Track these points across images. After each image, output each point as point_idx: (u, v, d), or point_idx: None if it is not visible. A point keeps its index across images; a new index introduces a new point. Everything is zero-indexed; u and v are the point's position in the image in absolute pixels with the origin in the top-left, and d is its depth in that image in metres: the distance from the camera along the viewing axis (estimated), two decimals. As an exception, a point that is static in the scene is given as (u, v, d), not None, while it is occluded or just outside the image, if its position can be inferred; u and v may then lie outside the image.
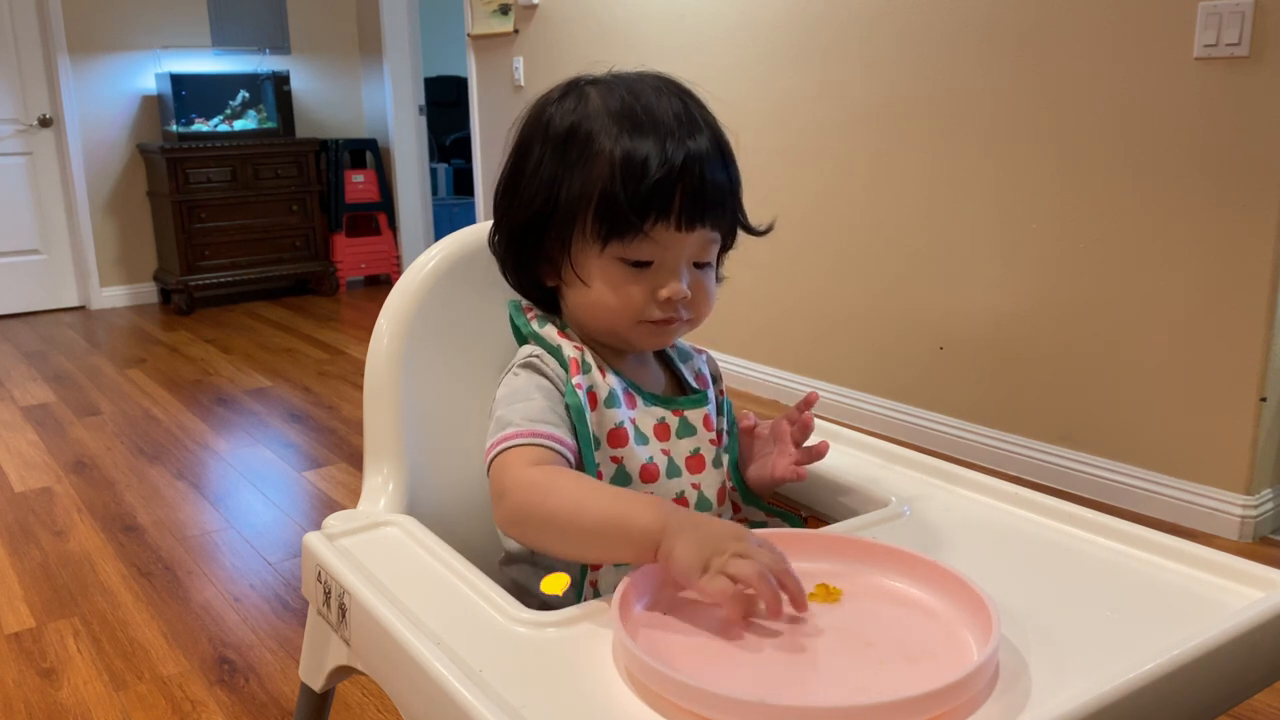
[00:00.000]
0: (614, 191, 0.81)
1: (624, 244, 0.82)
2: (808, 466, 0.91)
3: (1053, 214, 2.51)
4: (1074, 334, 2.51)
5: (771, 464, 0.91)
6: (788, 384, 3.33)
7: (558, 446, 0.80)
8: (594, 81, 0.87)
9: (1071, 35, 2.41)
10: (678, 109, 0.84)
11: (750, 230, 0.91)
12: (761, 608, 0.69)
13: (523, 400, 0.83)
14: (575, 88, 0.87)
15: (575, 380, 0.85)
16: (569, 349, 0.87)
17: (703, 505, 0.90)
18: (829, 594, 0.73)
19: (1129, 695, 0.60)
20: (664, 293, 0.84)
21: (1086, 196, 2.44)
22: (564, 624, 0.71)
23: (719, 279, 0.91)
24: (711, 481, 0.91)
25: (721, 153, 0.85)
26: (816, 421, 0.95)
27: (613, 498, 0.76)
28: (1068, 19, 2.42)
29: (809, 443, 0.92)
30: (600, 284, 0.85)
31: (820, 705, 0.59)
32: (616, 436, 0.86)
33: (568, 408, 0.84)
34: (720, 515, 0.91)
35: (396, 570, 0.81)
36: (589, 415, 0.84)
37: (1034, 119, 2.52)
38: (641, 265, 0.84)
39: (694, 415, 0.91)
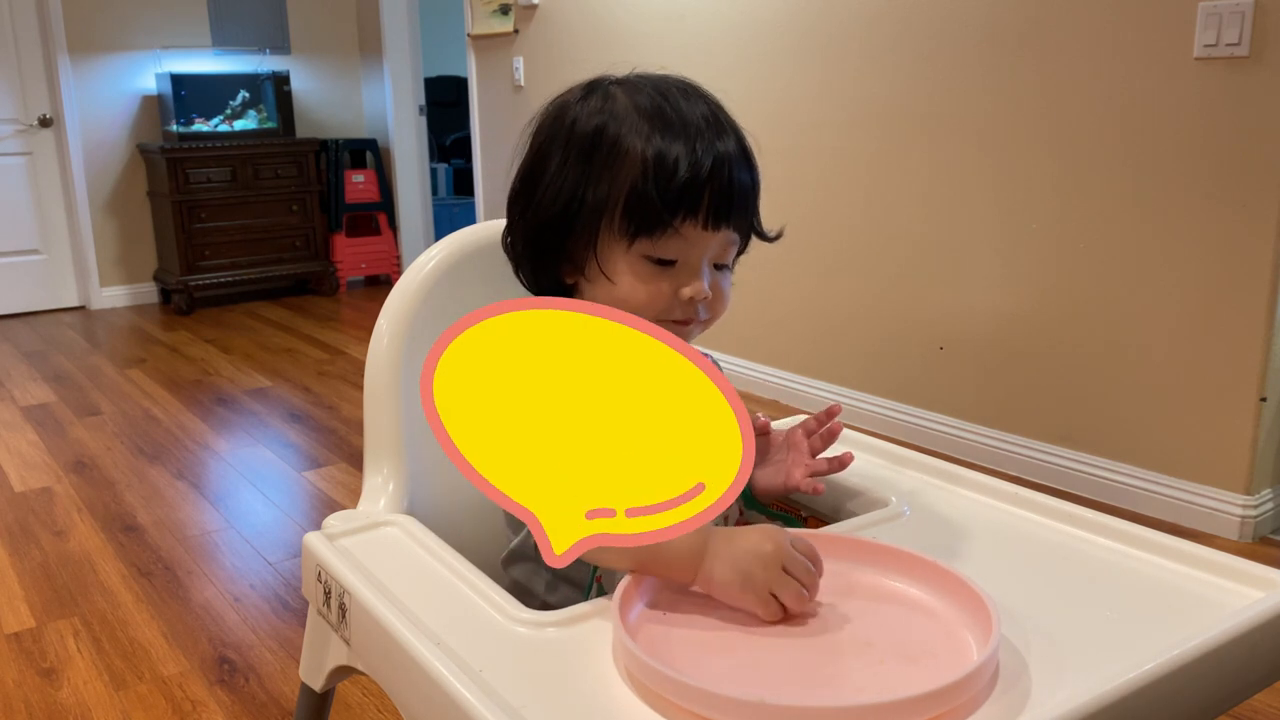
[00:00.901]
0: (645, 189, 0.81)
1: (652, 241, 0.82)
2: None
3: (1053, 214, 2.51)
4: (1074, 334, 2.51)
5: (786, 472, 0.91)
6: (788, 384, 3.33)
7: None
8: (618, 82, 0.87)
9: (1071, 35, 2.41)
10: (705, 111, 0.84)
11: (763, 236, 0.91)
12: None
13: None
14: (599, 87, 0.87)
15: None
16: None
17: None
18: None
19: (1129, 695, 0.60)
20: (687, 291, 0.84)
21: (1086, 196, 2.44)
22: (564, 624, 0.71)
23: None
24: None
25: (746, 157, 0.85)
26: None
27: None
28: (1068, 19, 2.42)
29: (829, 453, 0.91)
30: (628, 278, 0.84)
31: (820, 705, 0.59)
32: None
33: None
34: (727, 516, 0.91)
35: (396, 570, 0.81)
36: None
37: (1034, 119, 2.52)
38: (665, 264, 0.84)
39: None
